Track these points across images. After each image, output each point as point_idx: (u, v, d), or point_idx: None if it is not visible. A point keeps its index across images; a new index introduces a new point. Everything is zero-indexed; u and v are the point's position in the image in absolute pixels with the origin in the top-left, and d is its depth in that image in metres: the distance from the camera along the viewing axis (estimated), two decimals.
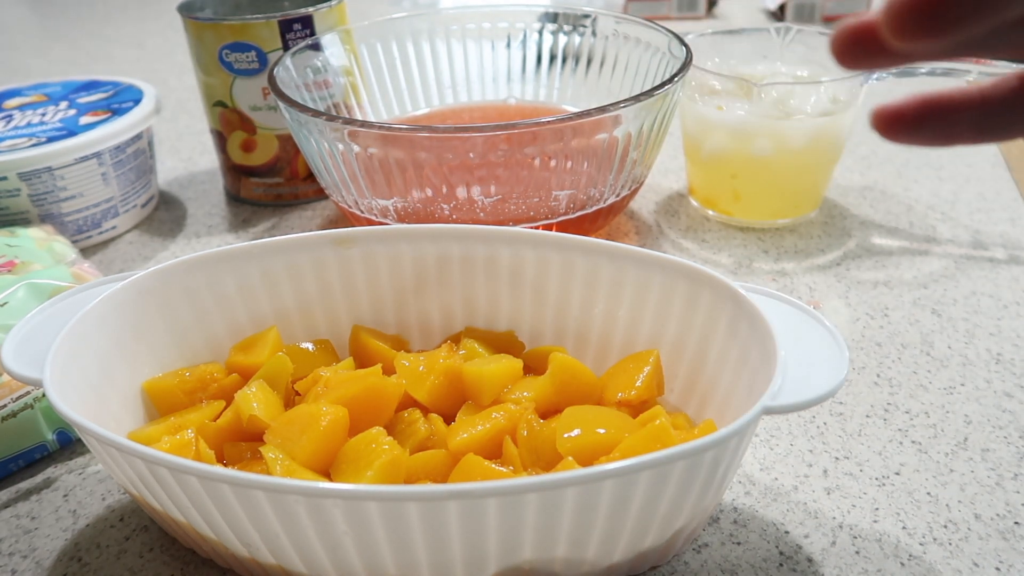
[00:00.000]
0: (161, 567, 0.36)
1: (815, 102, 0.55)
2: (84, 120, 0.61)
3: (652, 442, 0.32)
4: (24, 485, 0.40)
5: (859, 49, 0.25)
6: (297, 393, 0.39)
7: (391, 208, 0.53)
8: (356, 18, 0.66)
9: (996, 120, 0.26)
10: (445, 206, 0.52)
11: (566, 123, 0.48)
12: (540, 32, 0.69)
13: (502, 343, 0.42)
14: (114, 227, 0.63)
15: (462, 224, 0.43)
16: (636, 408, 0.37)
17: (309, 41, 0.61)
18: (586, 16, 0.67)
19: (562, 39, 0.68)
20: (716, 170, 0.59)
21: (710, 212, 0.61)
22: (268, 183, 0.66)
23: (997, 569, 0.34)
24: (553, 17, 0.68)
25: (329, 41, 0.62)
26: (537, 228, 0.52)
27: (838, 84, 0.55)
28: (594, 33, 0.67)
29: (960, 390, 0.44)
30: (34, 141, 0.58)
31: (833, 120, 0.55)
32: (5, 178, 0.56)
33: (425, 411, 0.38)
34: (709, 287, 0.38)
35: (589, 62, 0.67)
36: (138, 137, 0.63)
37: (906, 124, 0.27)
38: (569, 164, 0.52)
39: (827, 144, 0.57)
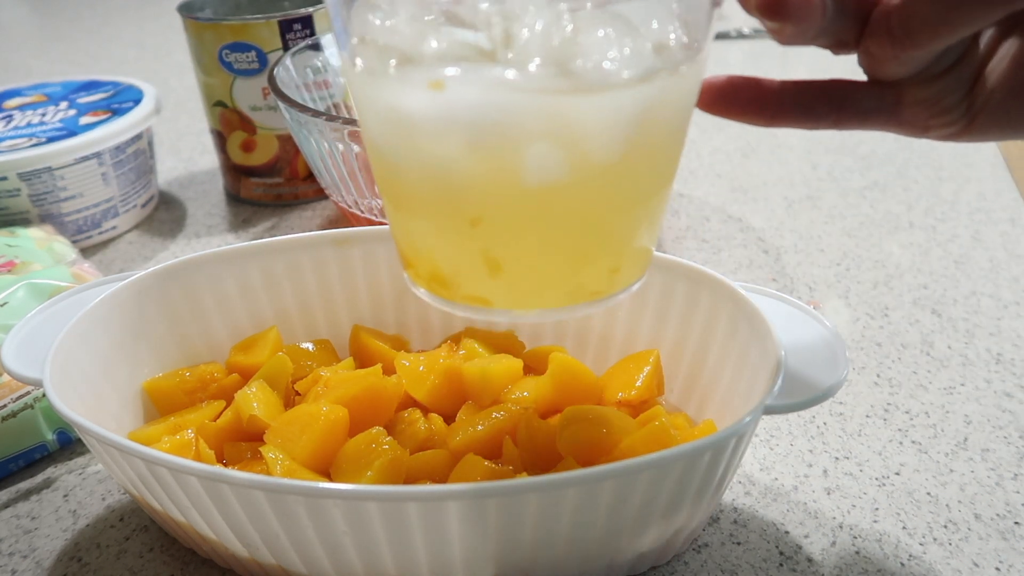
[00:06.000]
0: (161, 567, 0.36)
1: (629, 52, 0.25)
2: (84, 120, 0.61)
3: (652, 442, 0.32)
4: (24, 485, 0.40)
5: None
6: (297, 393, 0.39)
7: None
8: None
9: (811, 106, 0.29)
10: None
11: None
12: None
13: (502, 343, 0.42)
14: (114, 227, 0.63)
15: None
16: (636, 408, 0.37)
17: (309, 41, 0.61)
18: None
19: None
20: (442, 219, 0.28)
21: (459, 308, 0.29)
22: (268, 183, 0.66)
23: (997, 569, 0.34)
24: None
25: (329, 41, 0.62)
26: None
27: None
28: None
29: (960, 390, 0.44)
30: (34, 141, 0.58)
31: (672, 84, 0.26)
32: (5, 178, 0.56)
33: (425, 411, 0.38)
34: (709, 287, 0.38)
35: None
36: (138, 137, 0.63)
37: (724, 96, 0.29)
38: None
39: (658, 139, 0.27)
